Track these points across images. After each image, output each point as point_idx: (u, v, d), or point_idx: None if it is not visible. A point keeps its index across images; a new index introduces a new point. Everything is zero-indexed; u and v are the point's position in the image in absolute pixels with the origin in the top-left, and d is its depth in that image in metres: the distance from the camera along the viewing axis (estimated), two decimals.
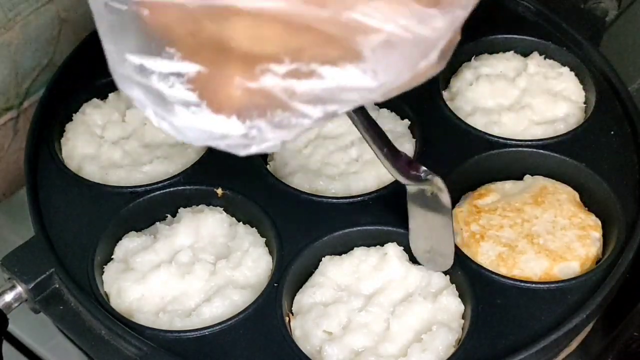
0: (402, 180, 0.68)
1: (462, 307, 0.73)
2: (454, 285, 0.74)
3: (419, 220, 0.73)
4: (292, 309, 0.74)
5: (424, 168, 0.68)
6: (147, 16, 0.45)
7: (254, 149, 0.48)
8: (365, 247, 0.77)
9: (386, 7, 0.44)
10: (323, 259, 0.76)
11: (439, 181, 0.68)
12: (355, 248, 0.77)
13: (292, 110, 0.46)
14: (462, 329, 0.72)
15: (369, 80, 0.46)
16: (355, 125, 0.64)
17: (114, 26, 0.47)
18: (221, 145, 0.48)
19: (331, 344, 0.70)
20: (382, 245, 0.77)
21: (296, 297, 0.74)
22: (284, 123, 0.46)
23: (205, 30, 0.45)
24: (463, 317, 0.73)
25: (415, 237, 0.75)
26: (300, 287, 0.75)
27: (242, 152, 0.48)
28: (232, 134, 0.47)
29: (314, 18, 0.43)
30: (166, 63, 0.46)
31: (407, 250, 0.76)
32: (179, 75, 0.46)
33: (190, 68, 0.46)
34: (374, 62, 0.45)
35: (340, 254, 0.77)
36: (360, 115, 0.63)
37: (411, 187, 0.71)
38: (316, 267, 0.76)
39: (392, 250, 0.75)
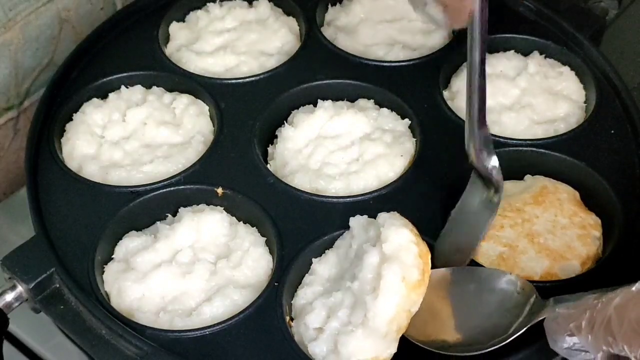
0: (470, 153, 0.71)
1: None
2: None
3: (464, 211, 0.75)
4: (291, 315, 0.74)
5: (495, 163, 0.71)
6: None
7: None
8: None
9: None
10: (313, 260, 0.75)
11: (500, 182, 0.71)
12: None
13: None
14: None
15: None
16: (468, 70, 0.71)
17: None
18: None
19: (313, 343, 0.69)
20: None
21: (292, 301, 0.74)
22: None
23: None
24: None
25: (450, 228, 0.76)
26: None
27: None
28: None
29: None
30: None
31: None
32: None
33: None
34: None
35: None
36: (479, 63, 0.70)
37: (475, 176, 0.73)
38: None
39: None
